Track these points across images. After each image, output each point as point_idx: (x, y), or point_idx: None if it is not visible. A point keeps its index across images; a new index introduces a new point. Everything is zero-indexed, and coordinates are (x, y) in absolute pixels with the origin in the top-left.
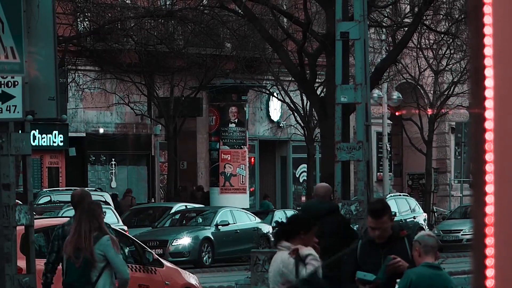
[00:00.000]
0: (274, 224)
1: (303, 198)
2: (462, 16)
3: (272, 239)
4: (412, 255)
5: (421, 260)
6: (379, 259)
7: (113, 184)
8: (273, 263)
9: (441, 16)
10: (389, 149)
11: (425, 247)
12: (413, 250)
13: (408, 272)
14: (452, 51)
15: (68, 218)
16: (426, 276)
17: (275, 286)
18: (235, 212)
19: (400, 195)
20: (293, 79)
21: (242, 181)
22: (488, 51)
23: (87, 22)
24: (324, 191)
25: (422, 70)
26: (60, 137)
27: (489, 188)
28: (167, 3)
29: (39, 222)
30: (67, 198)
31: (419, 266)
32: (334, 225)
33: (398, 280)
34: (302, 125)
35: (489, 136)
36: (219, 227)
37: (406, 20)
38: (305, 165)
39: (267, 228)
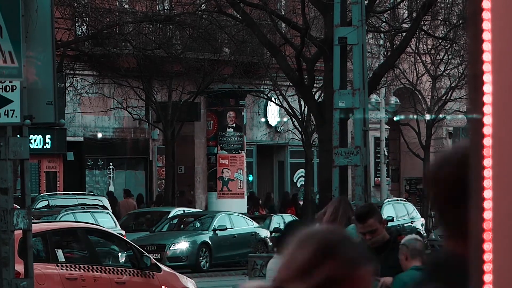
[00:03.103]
0: (273, 229)
1: (301, 203)
2: (460, 22)
3: (271, 243)
4: (399, 259)
5: (408, 264)
6: (377, 264)
7: (111, 189)
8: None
9: (439, 21)
10: (386, 154)
11: (413, 251)
12: (400, 254)
13: (399, 276)
14: (450, 57)
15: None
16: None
17: None
18: (233, 216)
19: (397, 200)
20: (291, 84)
21: (240, 186)
22: (486, 56)
23: (85, 27)
24: None
25: (420, 75)
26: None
27: (487, 194)
28: (165, 8)
29: (37, 227)
30: (65, 202)
31: (409, 270)
32: None
33: None
34: (300, 130)
35: (487, 141)
36: (217, 231)
37: (404, 25)
38: (303, 170)
39: (264, 233)
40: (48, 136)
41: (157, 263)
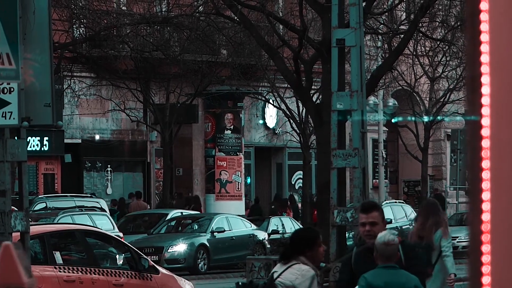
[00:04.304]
0: (270, 231)
1: (299, 205)
2: (458, 23)
3: (268, 245)
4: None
5: (378, 263)
6: (373, 266)
7: (109, 191)
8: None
9: (437, 23)
10: (384, 156)
11: (381, 257)
12: (374, 251)
13: (363, 275)
14: (448, 58)
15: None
16: (380, 274)
17: None
18: (231, 218)
19: (396, 202)
20: (289, 86)
21: (238, 188)
22: (484, 58)
23: (83, 29)
24: None
25: (418, 77)
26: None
27: (486, 196)
28: (163, 9)
29: (34, 229)
30: (63, 204)
31: (375, 269)
32: None
33: None
34: (298, 132)
35: (485, 143)
36: (215, 233)
37: (402, 27)
38: (301, 172)
39: (262, 235)
40: (45, 138)
41: (155, 265)
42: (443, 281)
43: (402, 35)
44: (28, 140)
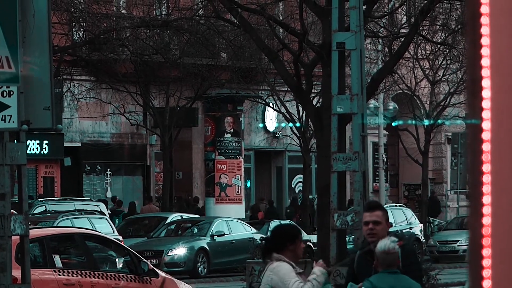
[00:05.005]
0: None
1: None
2: (459, 27)
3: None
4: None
5: (379, 270)
6: (375, 269)
7: (109, 194)
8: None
9: (438, 26)
10: (385, 160)
11: (382, 265)
12: (375, 259)
13: (368, 279)
14: (448, 62)
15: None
16: (384, 278)
17: None
18: (231, 222)
19: (396, 205)
20: (289, 89)
21: (238, 192)
22: (485, 61)
23: (82, 32)
24: None
25: (418, 80)
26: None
27: (486, 199)
28: (163, 13)
29: (34, 232)
30: (62, 208)
31: (378, 273)
32: None
33: None
34: (298, 135)
35: (486, 147)
36: (215, 237)
37: (402, 30)
38: (301, 176)
39: None
40: (45, 142)
41: (155, 268)
42: None
43: (403, 39)
44: (27, 143)
